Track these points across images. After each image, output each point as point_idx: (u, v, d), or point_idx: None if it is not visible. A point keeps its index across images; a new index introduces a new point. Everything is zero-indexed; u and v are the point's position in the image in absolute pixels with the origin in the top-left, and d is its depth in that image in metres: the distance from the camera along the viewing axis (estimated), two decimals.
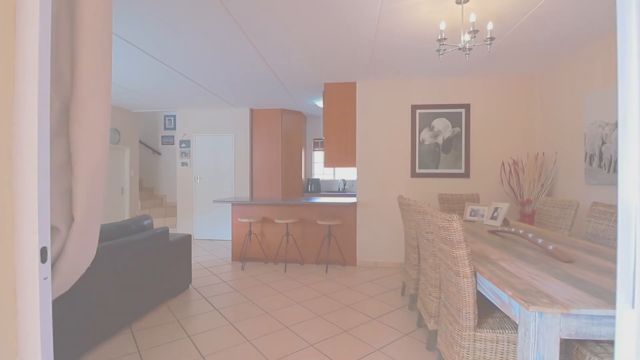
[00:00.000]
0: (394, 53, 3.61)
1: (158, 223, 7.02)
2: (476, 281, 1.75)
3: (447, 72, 4.28)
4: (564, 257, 1.94)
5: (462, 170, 4.48)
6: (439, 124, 4.52)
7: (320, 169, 7.74)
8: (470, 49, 2.54)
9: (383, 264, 4.60)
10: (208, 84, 4.83)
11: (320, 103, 5.93)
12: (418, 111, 4.56)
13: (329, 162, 4.78)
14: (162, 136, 8.24)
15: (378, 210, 4.62)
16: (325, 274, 4.26)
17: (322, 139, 7.59)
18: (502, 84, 4.44)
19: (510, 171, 4.40)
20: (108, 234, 2.75)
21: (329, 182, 7.55)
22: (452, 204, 3.97)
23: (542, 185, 4.15)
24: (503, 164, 4.42)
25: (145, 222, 3.22)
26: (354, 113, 4.71)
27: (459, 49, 2.51)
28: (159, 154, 8.20)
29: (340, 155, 4.75)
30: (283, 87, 4.98)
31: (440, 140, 4.52)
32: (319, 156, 7.73)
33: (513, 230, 2.53)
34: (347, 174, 7.54)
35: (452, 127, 4.50)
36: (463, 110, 4.49)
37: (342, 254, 4.68)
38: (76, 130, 0.71)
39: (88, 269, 2.30)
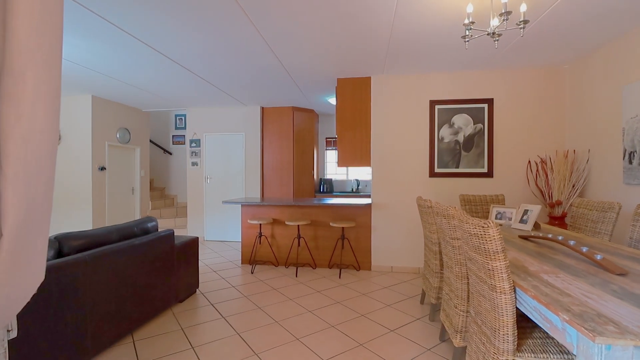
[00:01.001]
0: (412, 43, 3.36)
1: (169, 224, 6.94)
2: (516, 298, 1.50)
3: (469, 65, 4.00)
4: (615, 269, 1.67)
5: (485, 170, 4.19)
6: (460, 120, 4.25)
7: (332, 169, 7.52)
8: (499, 35, 2.29)
9: (399, 269, 4.35)
10: (218, 81, 4.68)
11: (332, 100, 5.71)
12: (437, 107, 4.29)
13: (342, 162, 4.56)
14: (173, 136, 8.18)
15: (394, 211, 4.37)
16: (338, 279, 4.05)
17: (334, 137, 7.38)
18: (528, 77, 4.13)
19: (537, 170, 4.09)
20: (109, 237, 2.60)
21: (342, 182, 7.32)
22: (474, 206, 3.69)
23: (574, 185, 3.83)
24: (529, 162, 4.12)
25: (150, 225, 3.08)
26: (369, 110, 4.47)
27: (488, 34, 2.25)
28: (170, 153, 8.14)
29: (354, 154, 4.52)
30: (294, 84, 4.79)
31: (460, 137, 4.24)
32: (331, 155, 7.51)
33: (550, 236, 2.26)
34: (361, 173, 7.31)
35: (474, 124, 4.22)
36: (485, 106, 4.20)
37: (356, 258, 4.45)
38: (5, 112, 0.52)
39: (87, 274, 2.17)
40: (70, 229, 5.68)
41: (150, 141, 7.88)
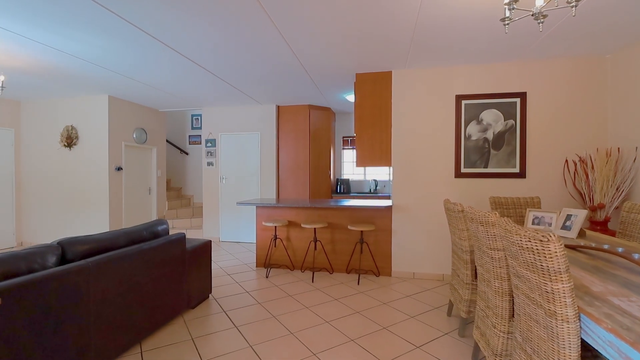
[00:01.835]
0: (441, 31, 3.09)
1: (185, 224, 6.88)
2: (580, 326, 1.24)
3: (500, 55, 3.69)
4: None
5: (517, 170, 3.86)
6: (489, 116, 3.93)
7: (350, 169, 7.28)
8: (545, 16, 2.00)
9: (422, 276, 4.08)
10: (233, 78, 4.53)
11: (350, 97, 5.48)
12: (464, 102, 3.99)
13: (361, 161, 4.32)
14: (190, 136, 8.13)
15: (416, 214, 4.10)
16: (357, 285, 3.82)
17: (352, 136, 7.13)
18: (565, 67, 3.78)
19: (575, 170, 3.74)
20: (116, 241, 2.47)
21: (360, 183, 7.07)
22: (507, 209, 3.39)
23: (618, 187, 3.46)
24: (567, 161, 3.77)
25: (160, 228, 2.94)
26: (389, 106, 4.22)
27: (533, 14, 1.97)
28: (187, 153, 8.10)
29: (374, 154, 4.27)
30: (310, 80, 4.58)
31: (490, 134, 3.93)
32: (348, 155, 7.27)
33: (606, 247, 1.96)
34: (379, 173, 7.03)
35: (505, 120, 3.90)
36: (518, 100, 3.87)
37: (376, 263, 4.20)
38: None
39: (90, 282, 1.99)
40: (87, 230, 5.68)
41: (167, 141, 7.86)
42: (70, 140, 5.72)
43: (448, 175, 4.02)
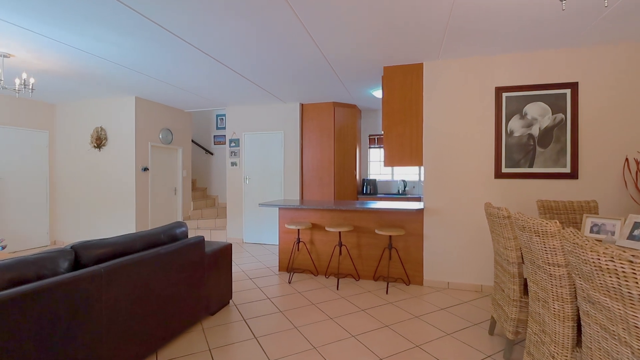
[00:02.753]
0: (481, 15, 2.77)
1: (209, 224, 6.87)
2: None
3: (547, 41, 3.29)
4: None
5: (568, 170, 3.44)
6: (534, 109, 3.53)
7: (376, 169, 6.98)
8: None
9: (457, 286, 3.74)
10: (255, 76, 4.39)
11: (377, 93, 5.20)
12: (505, 94, 3.61)
13: (389, 161, 4.04)
14: (214, 136, 8.15)
15: (451, 218, 3.77)
16: (385, 294, 3.55)
17: (379, 134, 6.83)
18: (624, 54, 3.31)
19: (638, 170, 3.27)
20: (132, 245, 2.36)
21: (387, 183, 6.76)
22: (557, 215, 3.00)
23: None
24: (627, 160, 3.30)
25: (178, 231, 2.82)
26: (420, 101, 3.91)
27: None
28: (212, 154, 8.12)
29: (403, 152, 3.98)
30: (335, 75, 4.36)
31: (535, 130, 3.53)
32: (375, 154, 6.98)
33: None
34: (408, 173, 6.68)
35: (553, 114, 3.49)
36: (568, 91, 3.45)
37: (406, 271, 3.91)
38: None
39: (102, 288, 1.88)
40: (115, 230, 5.77)
41: (193, 141, 7.91)
42: (99, 141, 5.84)
43: (487, 176, 3.66)
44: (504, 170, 3.60)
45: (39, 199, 5.92)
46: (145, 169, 5.87)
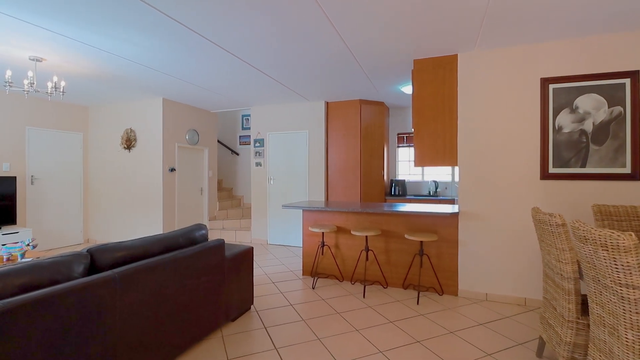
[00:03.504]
0: None
1: (234, 224, 6.86)
2: None
3: (602, 25, 2.90)
4: None
5: (628, 170, 3.02)
6: (587, 102, 3.14)
7: (405, 169, 6.66)
8: None
9: (497, 298, 3.40)
10: (280, 75, 4.28)
11: (406, 89, 4.92)
12: (552, 86, 3.24)
13: (420, 160, 3.77)
14: (240, 136, 8.15)
15: (489, 223, 3.44)
16: (416, 305, 3.29)
17: (409, 132, 6.52)
18: None
19: None
20: (149, 249, 2.29)
21: (417, 184, 6.43)
22: (618, 222, 2.62)
23: None
24: None
25: (198, 234, 2.73)
26: (454, 96, 3.61)
27: None
28: (237, 154, 8.13)
29: (436, 151, 3.69)
30: (361, 70, 4.14)
31: (588, 125, 3.14)
32: (404, 153, 6.66)
33: None
34: (439, 174, 6.32)
35: (609, 107, 3.08)
36: (627, 81, 3.04)
37: (439, 280, 3.62)
38: None
39: (116, 295, 1.79)
40: (144, 229, 5.87)
41: (219, 142, 7.96)
42: (129, 142, 5.97)
43: (531, 177, 3.30)
44: (552, 170, 3.23)
45: (73, 199, 6.15)
46: (172, 170, 5.93)
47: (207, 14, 2.70)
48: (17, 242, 3.50)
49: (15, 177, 5.06)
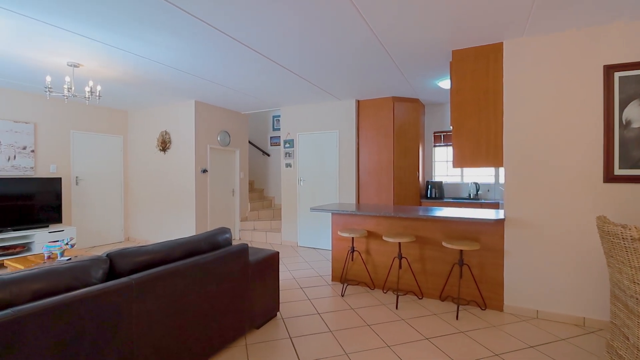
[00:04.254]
0: None
1: (265, 226, 6.83)
2: None
3: None
4: None
5: None
6: None
7: (443, 169, 6.26)
8: None
9: (550, 316, 3.01)
10: (307, 73, 4.15)
11: (444, 83, 4.57)
12: (618, 74, 2.80)
13: (459, 161, 3.45)
14: (271, 137, 8.15)
15: (542, 232, 3.05)
16: (454, 320, 2.99)
17: (446, 130, 6.12)
18: None
19: None
20: (170, 254, 2.22)
21: (456, 186, 6.01)
22: None
23: None
24: None
25: (221, 238, 2.64)
26: (499, 89, 3.25)
27: None
28: (268, 155, 8.13)
29: (478, 151, 3.36)
30: (394, 64, 3.89)
31: None
32: (441, 153, 6.26)
33: None
34: (480, 175, 5.86)
35: None
36: None
37: (481, 292, 3.28)
38: None
39: (133, 302, 1.75)
40: (178, 230, 5.99)
41: (250, 143, 8.00)
42: (164, 144, 6.12)
43: (593, 180, 2.88)
44: (618, 172, 2.79)
45: (114, 199, 6.43)
46: (205, 171, 6.00)
47: (234, 13, 2.61)
48: (57, 241, 3.64)
49: (60, 178, 5.35)
